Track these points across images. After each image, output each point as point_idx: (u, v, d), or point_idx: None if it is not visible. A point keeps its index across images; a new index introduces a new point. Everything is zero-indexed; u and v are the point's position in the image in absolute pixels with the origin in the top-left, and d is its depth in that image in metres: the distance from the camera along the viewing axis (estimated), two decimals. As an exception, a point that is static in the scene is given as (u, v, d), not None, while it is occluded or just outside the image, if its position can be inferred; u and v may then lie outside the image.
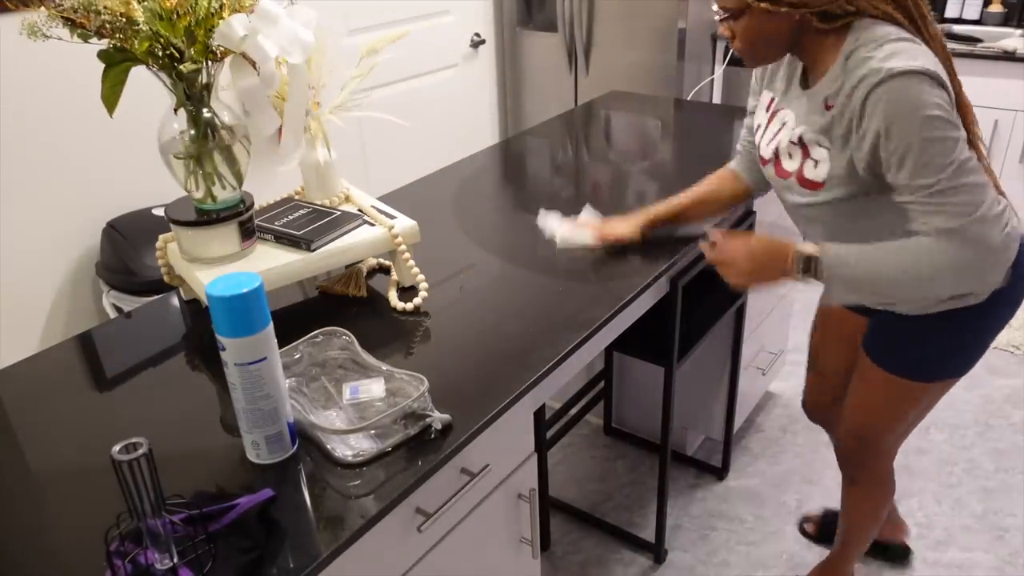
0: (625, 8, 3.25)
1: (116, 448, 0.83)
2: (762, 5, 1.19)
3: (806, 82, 1.33)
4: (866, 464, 1.61)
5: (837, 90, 1.22)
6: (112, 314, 2.25)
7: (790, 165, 1.35)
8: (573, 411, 2.35)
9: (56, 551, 0.93)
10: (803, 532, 2.08)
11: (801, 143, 1.31)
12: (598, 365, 2.40)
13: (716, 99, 3.50)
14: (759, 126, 1.44)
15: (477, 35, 3.48)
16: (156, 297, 1.52)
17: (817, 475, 2.29)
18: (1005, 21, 3.31)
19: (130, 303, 2.23)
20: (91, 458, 1.08)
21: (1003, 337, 2.90)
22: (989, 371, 2.72)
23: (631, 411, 2.42)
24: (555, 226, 1.61)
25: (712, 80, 3.46)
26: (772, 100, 1.41)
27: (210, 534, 0.92)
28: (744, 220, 1.83)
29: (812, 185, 1.31)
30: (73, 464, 1.07)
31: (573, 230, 1.59)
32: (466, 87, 3.52)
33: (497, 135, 3.79)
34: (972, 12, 3.36)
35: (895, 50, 1.15)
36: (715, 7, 1.27)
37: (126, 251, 2.21)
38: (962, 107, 1.22)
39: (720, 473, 2.30)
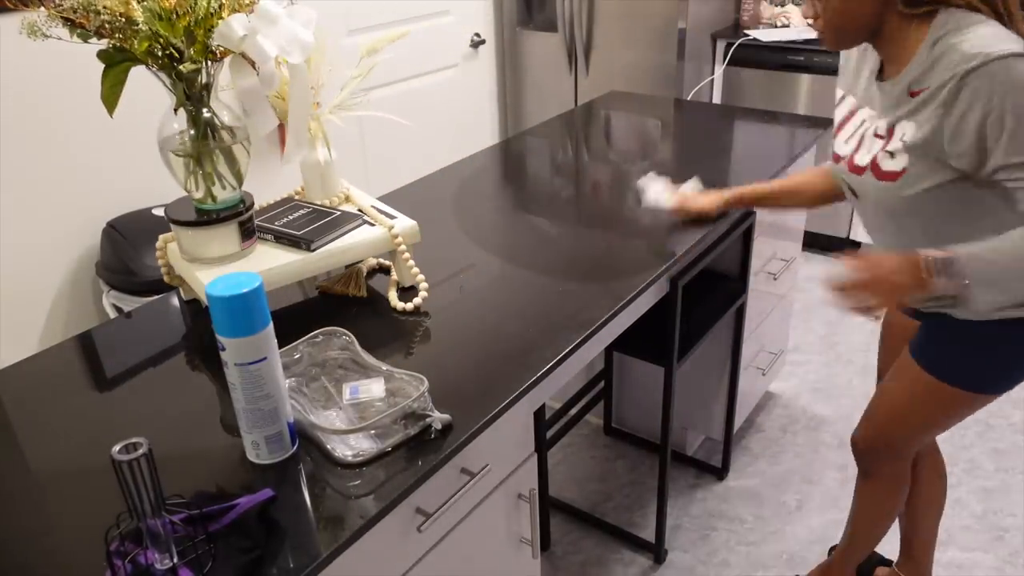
0: (625, 8, 3.25)
1: (116, 448, 0.83)
2: None
3: (882, 75, 1.31)
4: (883, 458, 1.58)
5: (921, 75, 1.19)
6: (112, 314, 2.25)
7: (864, 159, 1.32)
8: (573, 411, 2.35)
9: (56, 551, 0.93)
10: None
11: (878, 136, 1.29)
12: (598, 365, 2.40)
13: (716, 99, 3.51)
14: (837, 125, 1.42)
15: (477, 35, 3.48)
16: (156, 297, 1.52)
17: (817, 475, 2.29)
18: (1005, 21, 3.30)
19: (130, 303, 2.23)
20: (91, 458, 1.08)
21: (1003, 337, 2.90)
22: (989, 371, 2.72)
23: (631, 411, 2.42)
24: (651, 187, 1.72)
25: (712, 80, 3.46)
26: (848, 98, 1.40)
27: (210, 534, 0.92)
28: (744, 221, 1.83)
29: (888, 176, 1.28)
30: (73, 464, 1.07)
31: (661, 194, 1.70)
32: (466, 87, 3.52)
33: (497, 135, 3.79)
34: (972, 12, 3.35)
35: (987, 34, 1.13)
36: None
37: (126, 251, 2.21)
38: None
39: (720, 473, 2.30)
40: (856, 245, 3.43)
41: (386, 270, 1.55)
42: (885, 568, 1.88)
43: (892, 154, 1.26)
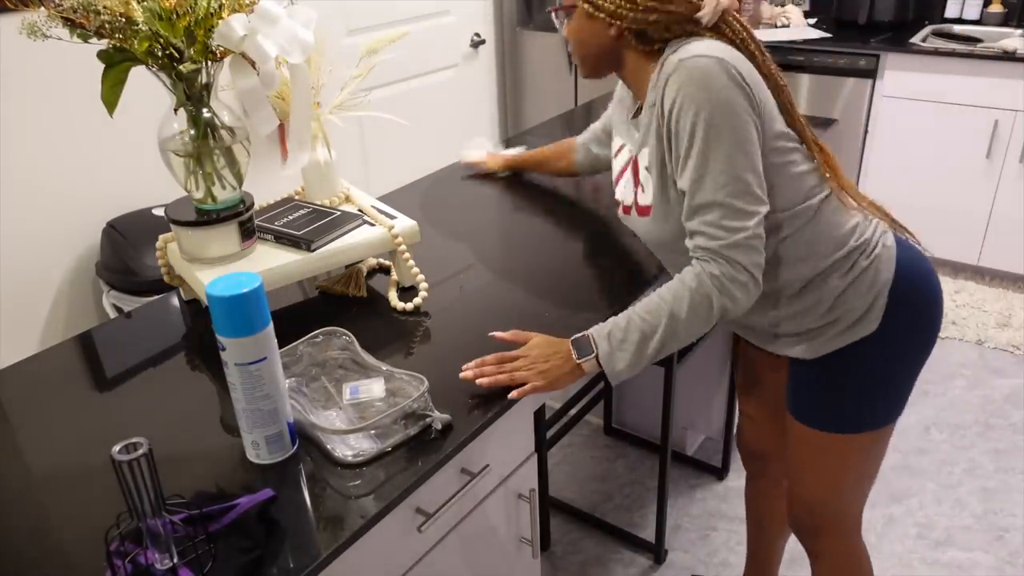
0: (625, 8, 3.25)
1: (116, 448, 0.83)
2: (584, 6, 1.17)
3: (638, 113, 1.28)
4: (823, 533, 1.44)
5: (653, 100, 1.17)
6: (112, 314, 2.25)
7: (627, 197, 1.29)
8: (573, 411, 2.35)
9: (56, 551, 0.93)
10: None
11: (634, 171, 1.26)
12: (598, 365, 2.40)
13: (716, 99, 3.50)
14: (615, 171, 1.36)
15: (477, 35, 3.48)
16: (156, 297, 1.52)
17: (817, 475, 2.29)
18: (1005, 21, 3.31)
19: (130, 303, 2.23)
20: (91, 458, 1.08)
21: (1003, 337, 2.90)
22: (989, 371, 2.72)
23: (631, 411, 2.42)
24: (472, 148, 2.01)
25: (712, 80, 3.46)
26: (620, 144, 1.35)
27: (210, 534, 0.92)
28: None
29: (643, 211, 1.25)
30: (73, 464, 1.07)
31: (470, 152, 2.00)
32: (466, 87, 3.52)
33: (497, 135, 3.79)
34: (972, 12, 3.36)
35: (701, 44, 1.11)
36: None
37: (126, 251, 2.21)
38: (794, 121, 1.20)
39: (720, 473, 2.30)
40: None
41: (386, 270, 1.55)
42: None
43: (643, 187, 1.23)
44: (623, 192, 1.31)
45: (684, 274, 1.16)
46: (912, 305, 1.23)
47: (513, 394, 1.14)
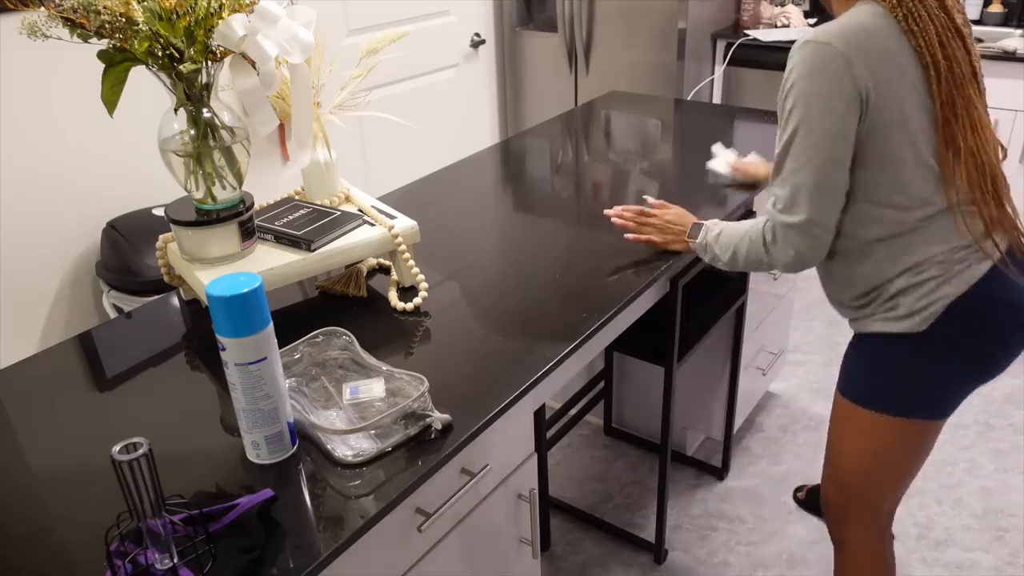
0: (625, 8, 3.25)
1: (116, 448, 0.83)
2: None
3: None
4: (849, 519, 1.47)
5: None
6: (112, 314, 2.25)
7: None
8: (573, 411, 2.35)
9: (56, 551, 0.93)
10: (795, 500, 2.18)
11: None
12: (598, 365, 2.40)
13: (716, 99, 3.50)
14: None
15: (477, 35, 3.48)
16: (156, 297, 1.52)
17: (817, 475, 2.28)
18: (1005, 21, 3.31)
19: (130, 303, 2.23)
20: (91, 458, 1.08)
21: (1003, 337, 2.90)
22: (989, 371, 2.72)
23: (631, 411, 2.42)
24: (719, 154, 1.90)
25: (712, 80, 3.46)
26: None
27: (210, 534, 0.92)
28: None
29: None
30: (73, 464, 1.07)
31: (723, 162, 1.88)
32: (466, 87, 3.52)
33: (497, 135, 3.79)
34: (972, 12, 3.36)
35: (837, 21, 1.17)
36: None
37: (126, 251, 2.21)
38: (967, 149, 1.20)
39: (720, 473, 2.30)
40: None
41: (386, 270, 1.55)
42: None
43: None
44: None
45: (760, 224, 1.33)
46: (971, 325, 1.24)
47: (630, 237, 1.54)
